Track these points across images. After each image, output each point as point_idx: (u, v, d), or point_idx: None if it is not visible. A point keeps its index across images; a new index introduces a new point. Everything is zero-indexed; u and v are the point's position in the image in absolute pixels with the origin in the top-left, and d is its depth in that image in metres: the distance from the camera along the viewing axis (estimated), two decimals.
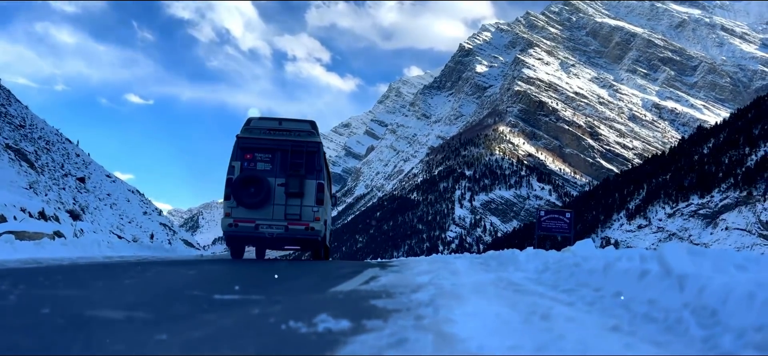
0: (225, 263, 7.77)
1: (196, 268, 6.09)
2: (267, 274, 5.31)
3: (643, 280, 2.50)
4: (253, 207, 11.22)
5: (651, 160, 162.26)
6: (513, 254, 5.39)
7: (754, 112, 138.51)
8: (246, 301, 3.04)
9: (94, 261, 7.45)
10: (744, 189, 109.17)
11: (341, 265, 8.62)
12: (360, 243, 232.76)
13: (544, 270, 4.31)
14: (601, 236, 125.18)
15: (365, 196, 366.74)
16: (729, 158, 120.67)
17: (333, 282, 4.55)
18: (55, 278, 4.11)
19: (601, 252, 4.37)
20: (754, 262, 3.18)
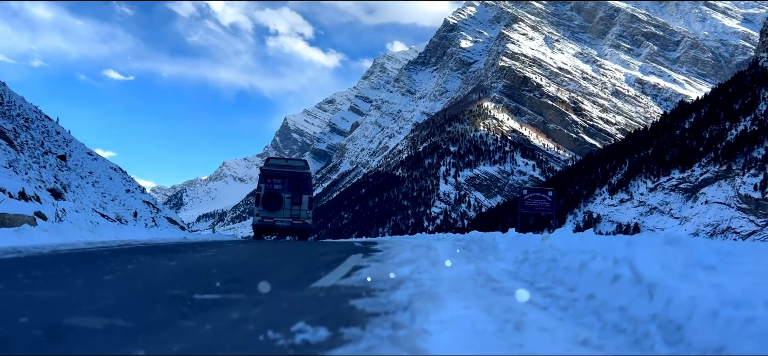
0: (205, 250, 7.75)
1: (178, 258, 6.07)
2: (245, 266, 5.32)
3: (616, 284, 2.55)
4: (272, 210, 19.42)
5: (633, 135, 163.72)
6: (493, 241, 5.45)
7: (735, 87, 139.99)
8: (226, 302, 3.06)
9: (75, 249, 7.39)
10: (724, 163, 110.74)
11: (326, 249, 8.66)
12: (345, 220, 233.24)
13: (523, 261, 4.37)
14: (584, 211, 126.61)
15: (350, 173, 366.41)
16: (710, 132, 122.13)
17: (315, 274, 4.58)
18: (35, 274, 4.09)
19: (577, 244, 4.44)
20: (725, 257, 3.25)
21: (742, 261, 3.28)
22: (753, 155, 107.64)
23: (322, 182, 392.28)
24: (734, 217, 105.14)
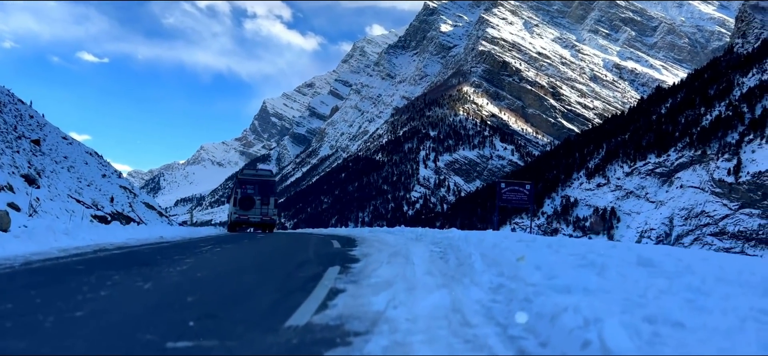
0: (181, 260, 7.65)
1: (153, 275, 5.99)
2: (221, 290, 5.28)
3: (585, 350, 2.57)
4: (246, 209, 25.22)
5: (610, 120, 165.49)
6: (470, 257, 5.48)
7: (710, 72, 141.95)
8: (199, 351, 3.03)
9: (48, 260, 7.26)
10: (699, 148, 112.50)
11: (304, 257, 8.61)
12: (325, 204, 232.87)
13: (498, 289, 4.40)
14: (561, 195, 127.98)
15: (330, 157, 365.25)
16: (685, 117, 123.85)
17: (292, 300, 4.56)
18: (4, 309, 4.02)
19: (548, 272, 4.46)
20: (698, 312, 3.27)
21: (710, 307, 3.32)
22: (727, 140, 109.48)
23: (301, 167, 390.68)
24: (708, 201, 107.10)
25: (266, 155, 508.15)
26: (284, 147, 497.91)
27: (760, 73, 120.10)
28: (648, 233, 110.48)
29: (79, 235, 11.77)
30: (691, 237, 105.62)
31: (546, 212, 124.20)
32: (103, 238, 11.96)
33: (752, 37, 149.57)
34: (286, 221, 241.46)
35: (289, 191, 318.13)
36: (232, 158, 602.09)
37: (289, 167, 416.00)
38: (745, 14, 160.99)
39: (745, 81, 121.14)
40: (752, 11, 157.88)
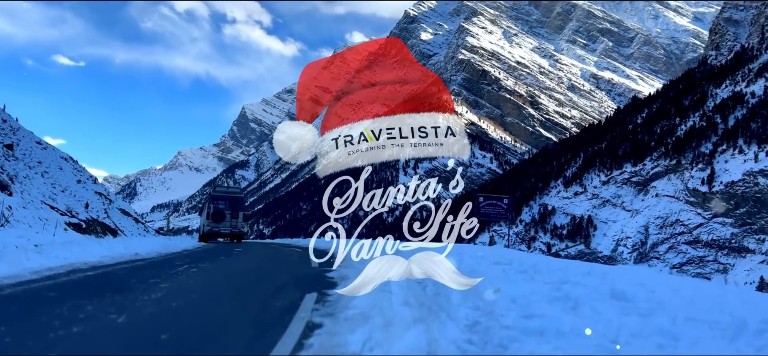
0: (156, 286, 7.56)
1: (127, 306, 5.91)
2: (194, 325, 5.23)
3: None
4: (218, 222, 28.34)
5: (588, 129, 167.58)
6: (447, 289, 5.51)
7: (685, 84, 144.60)
8: None
9: (19, 284, 7.12)
10: (674, 158, 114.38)
11: (280, 281, 8.56)
12: (304, 211, 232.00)
13: (473, 327, 4.43)
14: (539, 203, 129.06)
15: (310, 163, 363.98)
16: (661, 127, 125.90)
17: (267, 340, 4.54)
18: None
19: (524, 309, 4.50)
20: (673, 344, 3.31)
21: None
22: (701, 150, 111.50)
23: (280, 173, 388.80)
24: (683, 210, 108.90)
25: (245, 161, 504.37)
26: (263, 153, 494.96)
27: (733, 85, 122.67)
28: (624, 242, 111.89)
29: (53, 252, 11.54)
30: (667, 246, 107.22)
31: (524, 219, 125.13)
32: (76, 256, 11.74)
33: (725, 50, 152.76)
34: (265, 229, 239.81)
35: (267, 198, 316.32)
36: (210, 163, 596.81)
37: (268, 174, 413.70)
38: (718, 27, 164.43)
39: (719, 92, 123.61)
40: (725, 24, 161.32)
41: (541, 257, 10.04)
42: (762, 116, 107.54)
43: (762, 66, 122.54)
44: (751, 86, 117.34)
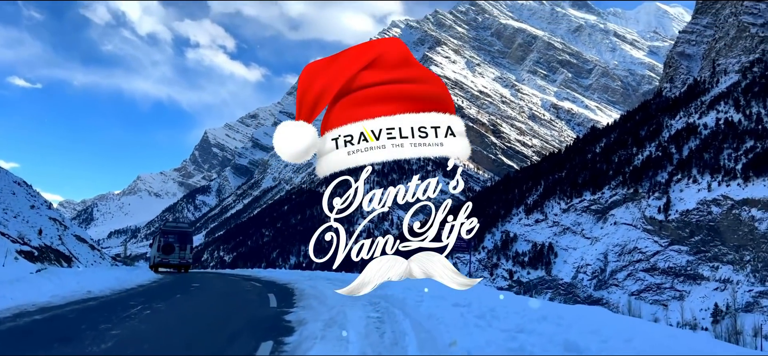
0: (106, 333, 7.12)
1: None
2: None
3: None
4: (167, 254, 32.51)
5: (548, 158, 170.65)
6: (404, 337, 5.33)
7: (641, 114, 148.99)
8: None
9: None
10: (631, 186, 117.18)
11: (235, 327, 8.15)
12: (266, 238, 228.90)
13: None
14: (501, 230, 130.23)
15: (273, 189, 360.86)
16: (618, 157, 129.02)
17: None
18: None
19: None
20: None
21: None
22: (657, 179, 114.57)
23: (242, 198, 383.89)
24: (640, 238, 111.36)
25: (206, 186, 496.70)
26: (225, 178, 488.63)
27: (686, 117, 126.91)
28: (584, 269, 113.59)
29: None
30: (625, 273, 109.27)
31: (486, 246, 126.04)
32: (25, 295, 11.05)
33: (679, 82, 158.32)
34: (226, 256, 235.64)
35: (229, 224, 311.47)
36: (170, 188, 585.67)
37: (230, 199, 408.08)
38: (672, 60, 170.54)
39: (674, 123, 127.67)
40: (679, 58, 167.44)
41: (499, 301, 9.92)
42: (714, 146, 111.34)
43: (713, 99, 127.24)
44: (704, 118, 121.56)
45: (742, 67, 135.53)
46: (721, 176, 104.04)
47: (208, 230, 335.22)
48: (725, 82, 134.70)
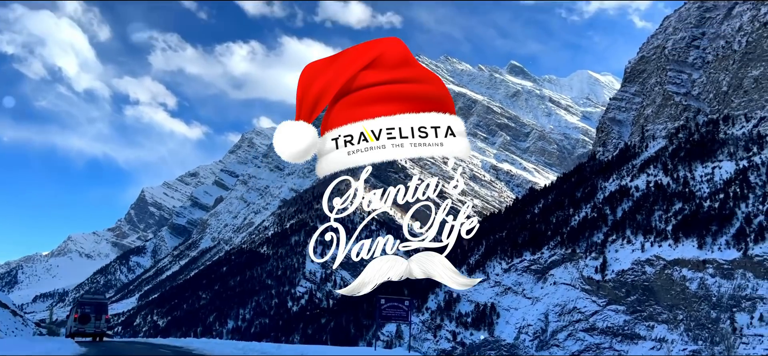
0: None
1: None
2: None
3: None
4: (84, 324, 36.49)
5: (489, 218, 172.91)
6: None
7: (577, 177, 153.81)
8: None
9: None
10: (569, 247, 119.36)
11: None
12: (203, 300, 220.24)
13: None
14: (444, 290, 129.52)
15: (211, 249, 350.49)
16: (556, 217, 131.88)
17: None
18: None
19: None
20: None
21: None
22: (594, 240, 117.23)
23: (179, 260, 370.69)
24: (579, 297, 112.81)
25: (141, 247, 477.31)
26: (162, 239, 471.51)
27: (619, 179, 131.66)
28: (526, 330, 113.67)
29: None
30: (566, 333, 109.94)
31: (430, 307, 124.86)
32: None
33: (611, 146, 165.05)
34: (160, 320, 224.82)
35: (164, 286, 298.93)
36: (102, 249, 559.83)
37: (166, 260, 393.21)
38: (604, 125, 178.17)
39: (607, 185, 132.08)
40: (610, 123, 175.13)
41: None
42: (646, 208, 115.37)
43: (643, 163, 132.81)
44: (635, 181, 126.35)
45: (668, 133, 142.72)
46: (653, 237, 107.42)
47: (141, 293, 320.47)
48: (654, 147, 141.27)
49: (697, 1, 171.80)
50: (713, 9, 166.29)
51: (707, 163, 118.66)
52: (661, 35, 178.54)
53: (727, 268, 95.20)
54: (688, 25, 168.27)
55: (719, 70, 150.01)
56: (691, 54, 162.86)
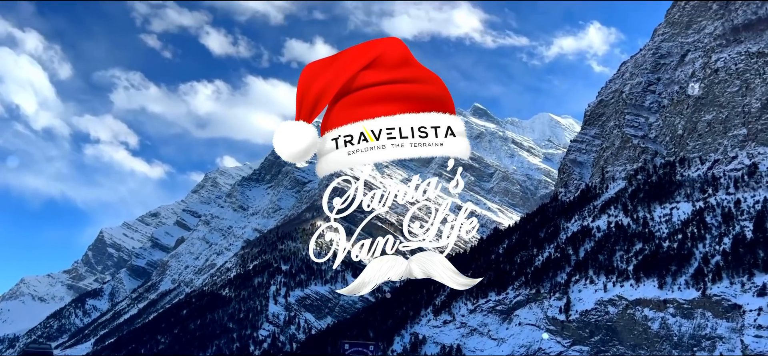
0: None
1: None
2: None
3: None
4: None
5: (454, 258, 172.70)
6: None
7: (540, 217, 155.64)
8: None
9: None
10: (533, 287, 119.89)
11: None
12: (162, 345, 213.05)
13: None
14: (410, 332, 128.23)
15: (171, 292, 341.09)
16: (520, 258, 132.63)
17: None
18: None
19: None
20: None
21: None
22: (557, 280, 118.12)
23: (138, 302, 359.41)
24: (545, 338, 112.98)
25: (98, 290, 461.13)
26: (120, 281, 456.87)
27: (581, 220, 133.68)
28: None
29: None
30: None
31: (396, 350, 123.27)
32: None
33: (573, 187, 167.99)
34: None
35: (121, 330, 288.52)
36: (57, 292, 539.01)
37: (124, 303, 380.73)
38: (566, 167, 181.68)
39: (569, 226, 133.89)
40: (571, 165, 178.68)
41: None
42: (607, 248, 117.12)
43: (604, 203, 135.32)
44: (597, 221, 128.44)
45: (627, 175, 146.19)
46: (615, 277, 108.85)
47: (97, 337, 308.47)
48: (614, 188, 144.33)
49: (652, 48, 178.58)
50: (667, 55, 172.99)
51: (665, 204, 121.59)
52: (619, 80, 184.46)
53: (687, 308, 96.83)
54: (644, 70, 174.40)
55: (674, 114, 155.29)
56: (647, 98, 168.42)
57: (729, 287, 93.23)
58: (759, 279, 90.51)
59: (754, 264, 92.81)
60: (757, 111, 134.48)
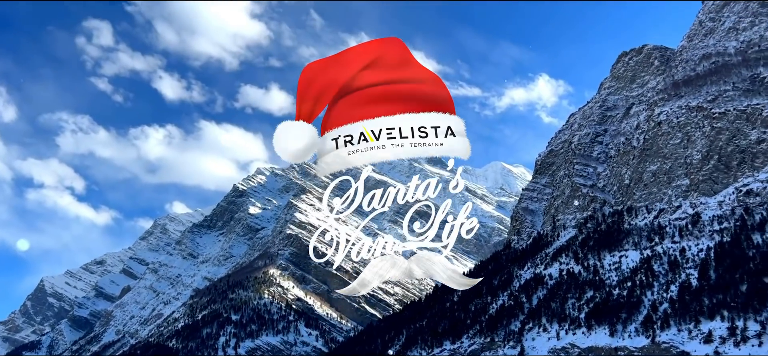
0: None
1: None
2: None
3: None
4: None
5: (410, 306, 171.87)
6: None
7: (493, 264, 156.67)
8: None
9: None
10: (488, 335, 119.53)
11: None
12: None
13: None
14: None
15: (115, 343, 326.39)
16: (475, 305, 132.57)
17: None
18: None
19: None
20: None
21: None
22: (511, 328, 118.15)
23: (79, 355, 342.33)
24: None
25: (36, 342, 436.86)
26: (60, 332, 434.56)
27: (533, 267, 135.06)
28: None
29: None
30: None
31: None
32: None
33: (525, 235, 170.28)
34: None
35: None
36: None
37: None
38: (518, 215, 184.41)
39: (523, 273, 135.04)
40: (523, 213, 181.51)
41: None
42: (559, 296, 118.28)
43: (556, 251, 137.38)
44: (549, 269, 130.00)
45: (578, 223, 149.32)
46: (567, 325, 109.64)
47: None
48: (565, 236, 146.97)
49: (599, 101, 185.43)
50: (613, 108, 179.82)
51: (615, 252, 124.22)
52: (568, 131, 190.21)
53: (637, 355, 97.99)
54: (591, 122, 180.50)
55: (621, 164, 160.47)
56: (595, 149, 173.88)
57: (677, 334, 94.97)
58: (705, 325, 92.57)
59: (699, 311, 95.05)
60: (698, 162, 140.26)
